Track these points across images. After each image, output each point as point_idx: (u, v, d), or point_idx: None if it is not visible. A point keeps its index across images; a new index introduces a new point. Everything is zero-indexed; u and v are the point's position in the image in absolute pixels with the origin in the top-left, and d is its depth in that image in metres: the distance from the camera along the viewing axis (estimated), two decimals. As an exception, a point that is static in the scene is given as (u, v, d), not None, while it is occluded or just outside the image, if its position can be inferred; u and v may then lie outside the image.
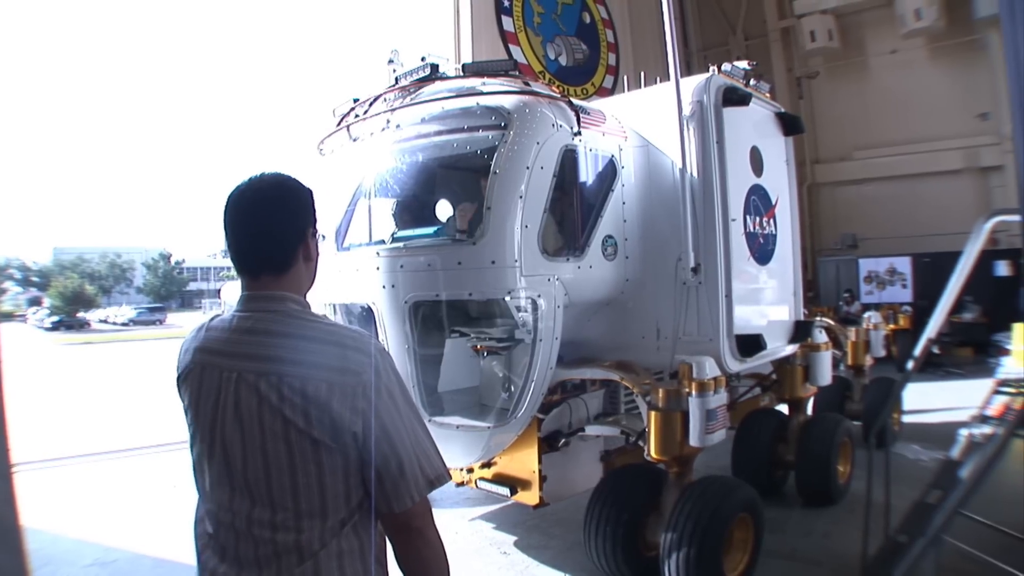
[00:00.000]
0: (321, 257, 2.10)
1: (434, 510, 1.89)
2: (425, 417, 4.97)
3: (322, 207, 2.08)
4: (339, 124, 5.79)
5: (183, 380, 1.99)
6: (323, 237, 1.99)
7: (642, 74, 6.77)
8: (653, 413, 4.84)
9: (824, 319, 8.82)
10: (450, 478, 1.90)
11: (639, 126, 5.86)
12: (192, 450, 2.02)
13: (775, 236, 6.34)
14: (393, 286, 4.85)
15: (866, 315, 10.12)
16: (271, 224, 1.92)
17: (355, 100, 5.80)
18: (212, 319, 2.03)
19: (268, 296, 1.90)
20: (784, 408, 7.27)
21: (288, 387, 1.74)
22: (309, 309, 1.96)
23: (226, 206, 1.92)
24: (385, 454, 1.78)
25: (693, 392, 4.76)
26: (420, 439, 1.86)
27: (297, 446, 1.75)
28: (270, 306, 1.89)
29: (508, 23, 13.95)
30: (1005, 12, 3.12)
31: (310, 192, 2.01)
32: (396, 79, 5.58)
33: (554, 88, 5.66)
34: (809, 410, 7.63)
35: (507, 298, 4.74)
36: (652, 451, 4.88)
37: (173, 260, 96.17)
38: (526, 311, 4.81)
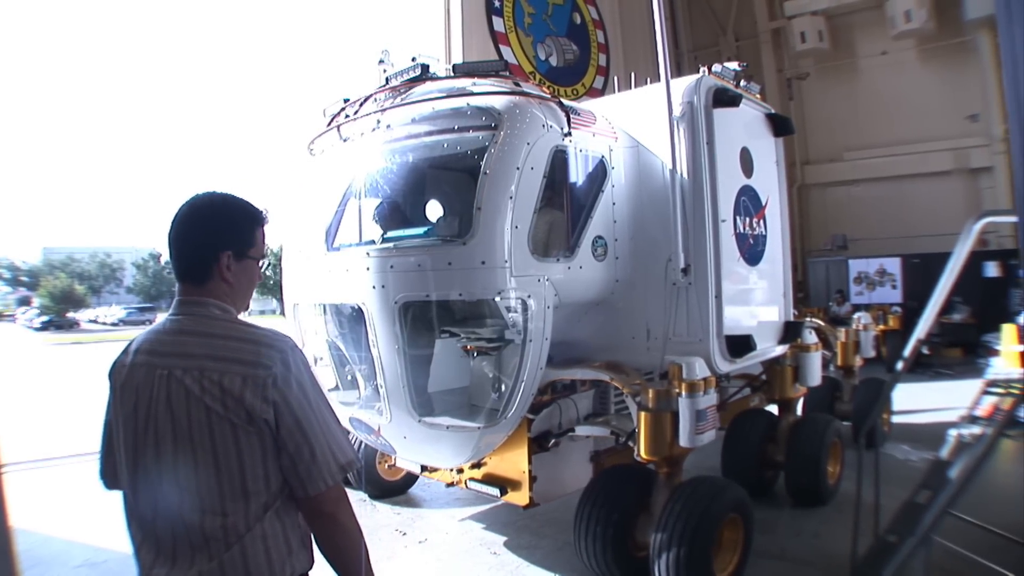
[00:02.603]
0: (244, 280, 2.21)
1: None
2: (415, 417, 5.00)
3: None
4: (329, 124, 5.78)
5: (124, 376, 2.10)
6: (270, 263, 2.14)
7: (632, 75, 6.77)
8: (643, 414, 4.84)
9: (814, 320, 8.84)
10: (360, 464, 2.09)
11: (629, 127, 5.86)
12: (115, 448, 2.16)
13: (765, 237, 6.35)
14: (383, 286, 4.84)
15: (856, 316, 10.15)
16: (189, 238, 2.13)
17: (345, 100, 5.79)
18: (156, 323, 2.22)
19: (192, 301, 2.11)
20: (774, 409, 7.28)
21: (208, 379, 1.93)
22: (231, 314, 2.14)
23: (174, 215, 2.12)
24: (297, 441, 1.97)
25: (683, 393, 4.77)
26: (330, 428, 2.06)
27: (218, 430, 1.92)
28: (194, 310, 2.09)
29: (499, 24, 13.95)
30: (1002, 13, 3.13)
31: (245, 217, 2.19)
32: (387, 79, 5.56)
33: (544, 89, 5.65)
34: (799, 411, 7.63)
35: (497, 299, 4.73)
36: (642, 451, 4.89)
37: (163, 260, 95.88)
38: (516, 312, 4.80)
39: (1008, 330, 10.76)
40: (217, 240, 2.11)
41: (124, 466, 2.09)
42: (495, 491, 5.56)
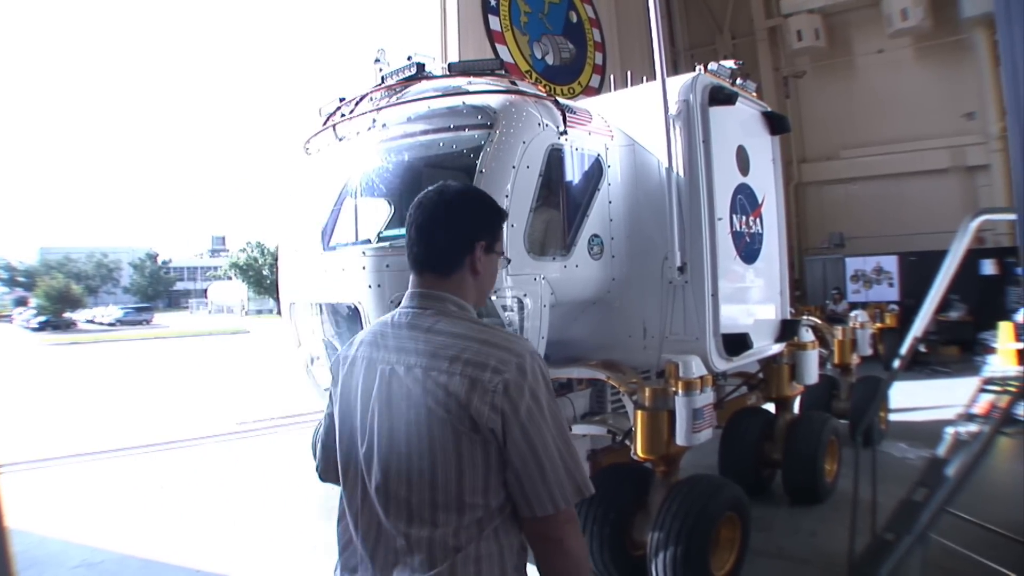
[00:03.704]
0: (490, 271, 2.11)
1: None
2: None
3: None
4: (325, 123, 5.77)
5: (346, 370, 2.06)
6: (508, 261, 2.04)
7: (628, 73, 6.76)
8: (640, 412, 4.83)
9: (811, 318, 8.84)
10: (593, 491, 1.88)
11: (626, 125, 5.85)
12: (337, 443, 2.07)
13: (761, 235, 6.35)
14: (379, 285, 4.83)
15: (853, 314, 10.16)
16: (443, 227, 2.00)
17: (341, 99, 5.78)
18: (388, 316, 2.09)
19: (427, 295, 1.98)
20: (771, 407, 7.28)
21: (433, 380, 1.80)
22: (468, 312, 2.00)
23: (414, 204, 2.06)
24: (524, 456, 1.78)
25: (679, 391, 4.76)
26: (566, 445, 1.84)
27: (439, 435, 1.78)
28: (429, 304, 1.97)
29: (495, 22, 13.93)
30: (1000, 11, 3.12)
31: (496, 211, 2.12)
32: (382, 78, 5.56)
33: (540, 87, 5.65)
34: (796, 409, 7.64)
35: (493, 297, 4.73)
36: (639, 450, 4.88)
37: (160, 260, 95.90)
38: (512, 310, 4.79)
39: (1005, 328, 10.79)
40: (473, 230, 2.03)
41: (340, 461, 2.04)
42: (492, 490, 5.55)
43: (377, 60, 5.73)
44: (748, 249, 6.11)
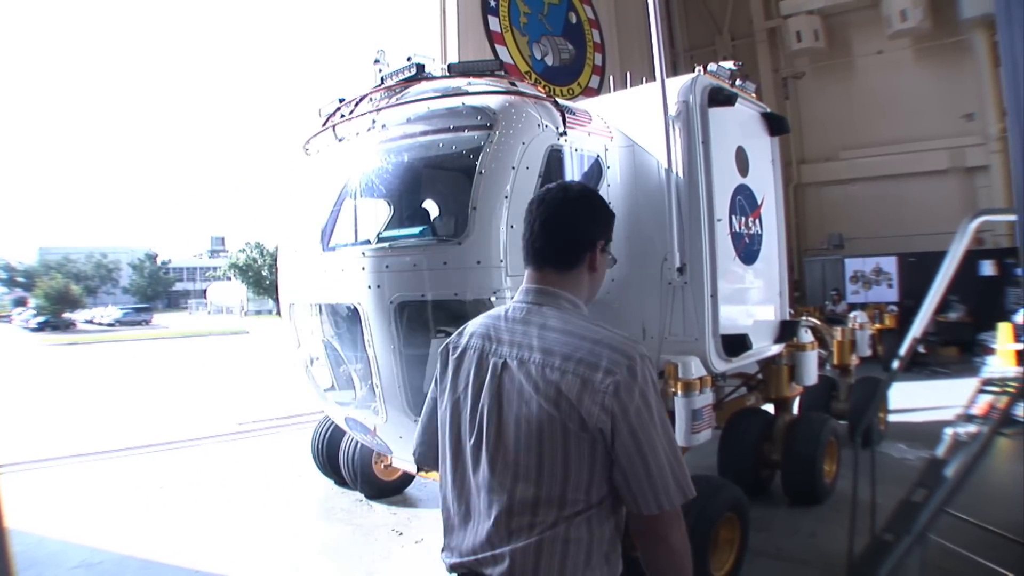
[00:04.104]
0: (602, 270, 2.17)
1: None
2: (411, 417, 5.00)
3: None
4: (325, 124, 5.78)
5: (455, 358, 2.11)
6: (615, 261, 2.12)
7: (628, 74, 6.78)
8: (639, 413, 4.82)
9: (810, 319, 8.84)
10: (695, 494, 1.90)
11: (625, 126, 5.86)
12: (436, 428, 2.17)
13: (761, 236, 6.35)
14: (379, 286, 4.84)
15: (852, 315, 10.16)
16: (568, 223, 2.05)
17: (341, 100, 5.79)
18: (492, 311, 2.17)
19: (543, 291, 2.03)
20: (770, 408, 7.28)
21: (545, 378, 1.85)
22: (581, 310, 2.04)
23: (534, 200, 2.09)
24: (632, 457, 1.80)
25: (679, 392, 4.77)
26: (673, 447, 1.86)
27: (548, 432, 1.83)
28: (544, 300, 2.02)
29: (494, 23, 13.93)
30: (1001, 12, 3.13)
31: (611, 214, 2.18)
32: (382, 79, 5.57)
33: (540, 88, 5.66)
34: (795, 409, 7.64)
35: (493, 298, 4.73)
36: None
37: (159, 260, 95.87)
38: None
39: (1004, 329, 10.79)
40: (594, 229, 2.10)
41: (447, 447, 2.09)
42: (491, 491, 5.55)
43: (377, 61, 5.73)
44: (747, 250, 6.12)
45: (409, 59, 5.39)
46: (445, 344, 2.16)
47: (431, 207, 6.50)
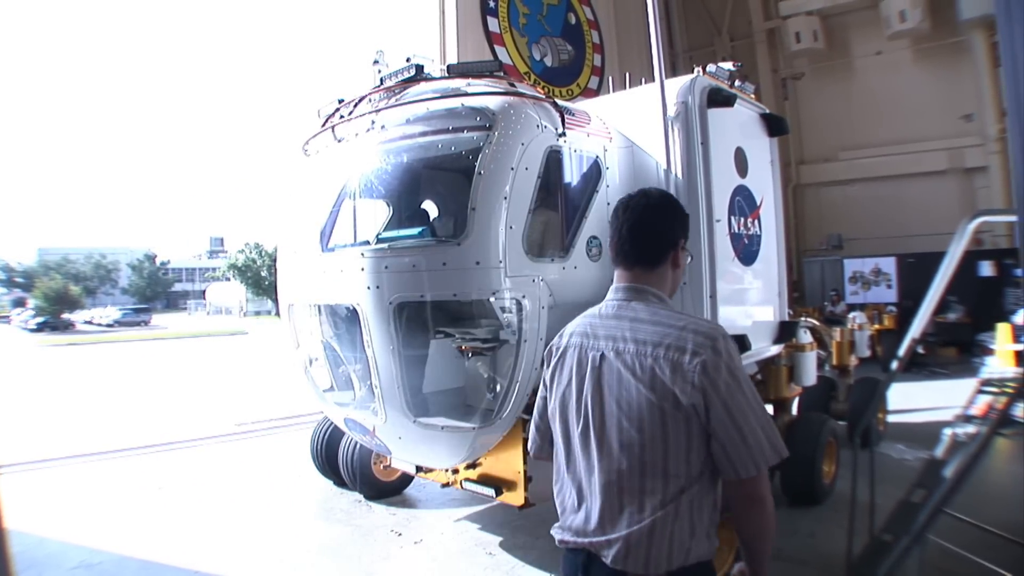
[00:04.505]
0: (683, 266, 2.39)
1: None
2: (410, 418, 5.00)
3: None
4: (324, 125, 5.77)
5: (558, 357, 2.36)
6: (691, 257, 2.35)
7: (627, 75, 6.78)
8: (637, 414, 4.83)
9: (809, 319, 8.85)
10: (787, 453, 2.10)
11: (624, 127, 5.86)
12: (553, 423, 2.38)
13: (760, 237, 6.36)
14: (378, 287, 4.84)
15: (851, 315, 10.18)
16: (653, 226, 2.29)
17: (340, 101, 5.79)
18: (588, 311, 2.40)
19: (632, 288, 2.27)
20: (769, 408, 7.27)
21: (641, 365, 2.07)
22: (666, 303, 2.26)
23: (619, 206, 2.33)
24: (727, 427, 2.00)
25: (677, 392, 4.76)
26: (762, 413, 2.07)
27: (648, 414, 2.04)
28: (633, 296, 2.26)
29: (493, 24, 13.93)
30: (1001, 12, 3.13)
31: (687, 215, 2.39)
32: (381, 80, 5.57)
33: (539, 89, 5.66)
34: (794, 410, 7.64)
35: (492, 299, 4.74)
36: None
37: (158, 261, 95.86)
38: (511, 312, 4.80)
39: (1003, 329, 10.79)
40: (677, 229, 2.31)
41: (559, 438, 2.32)
42: (490, 491, 5.56)
43: (376, 62, 5.73)
44: (746, 251, 6.12)
45: (408, 60, 5.39)
46: (549, 347, 2.42)
47: (430, 208, 6.50)
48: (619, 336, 2.17)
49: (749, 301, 6.26)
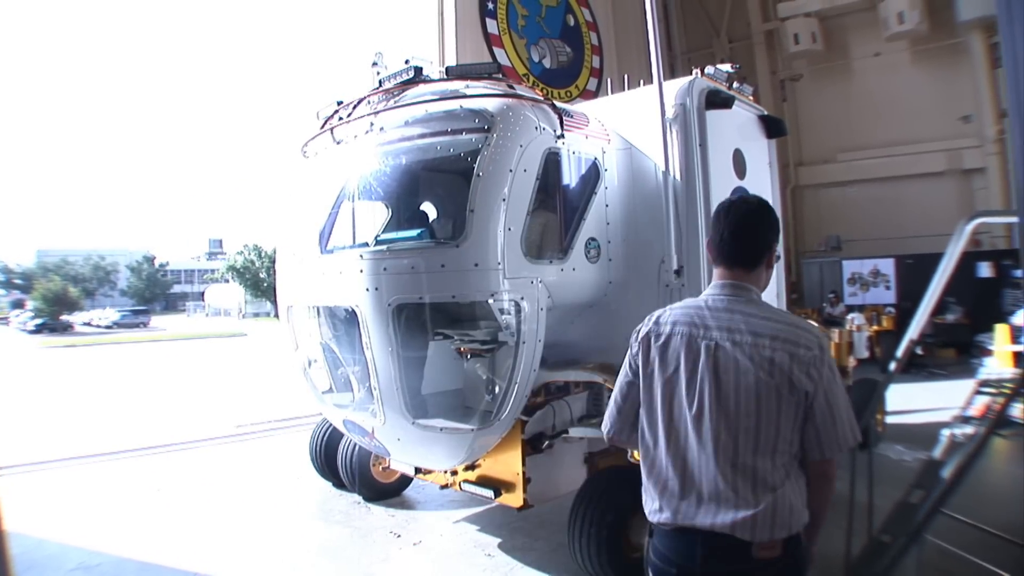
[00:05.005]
0: (774, 267, 2.62)
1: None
2: (408, 419, 5.01)
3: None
4: (323, 127, 5.78)
5: (659, 344, 2.50)
6: (779, 257, 2.53)
7: (626, 77, 6.78)
8: (636, 415, 4.84)
9: (808, 321, 8.83)
10: (861, 438, 2.40)
11: (622, 129, 5.87)
12: (655, 406, 2.51)
13: (758, 238, 6.35)
14: (377, 288, 4.84)
15: (850, 316, 10.20)
16: (754, 231, 2.50)
17: (339, 103, 5.80)
18: (681, 303, 2.61)
19: (735, 285, 2.47)
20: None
21: (759, 354, 2.30)
22: (762, 299, 2.50)
23: (721, 210, 2.54)
24: (824, 413, 2.29)
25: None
26: (848, 405, 2.35)
27: (764, 396, 2.28)
28: (738, 293, 2.46)
29: (492, 25, 13.95)
30: (1002, 12, 3.14)
31: (779, 220, 2.63)
32: (380, 82, 5.57)
33: (538, 91, 5.67)
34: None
35: (490, 300, 4.74)
36: (636, 453, 4.88)
37: (157, 262, 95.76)
38: (509, 313, 4.81)
39: (1001, 330, 10.80)
40: (773, 234, 2.53)
41: (659, 421, 2.47)
42: (489, 493, 5.56)
43: (375, 64, 5.74)
44: (744, 252, 6.12)
45: (407, 62, 5.40)
46: (645, 333, 2.56)
47: (429, 209, 6.51)
48: (734, 328, 2.37)
49: (747, 302, 6.26)
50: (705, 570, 2.33)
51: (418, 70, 5.32)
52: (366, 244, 5.21)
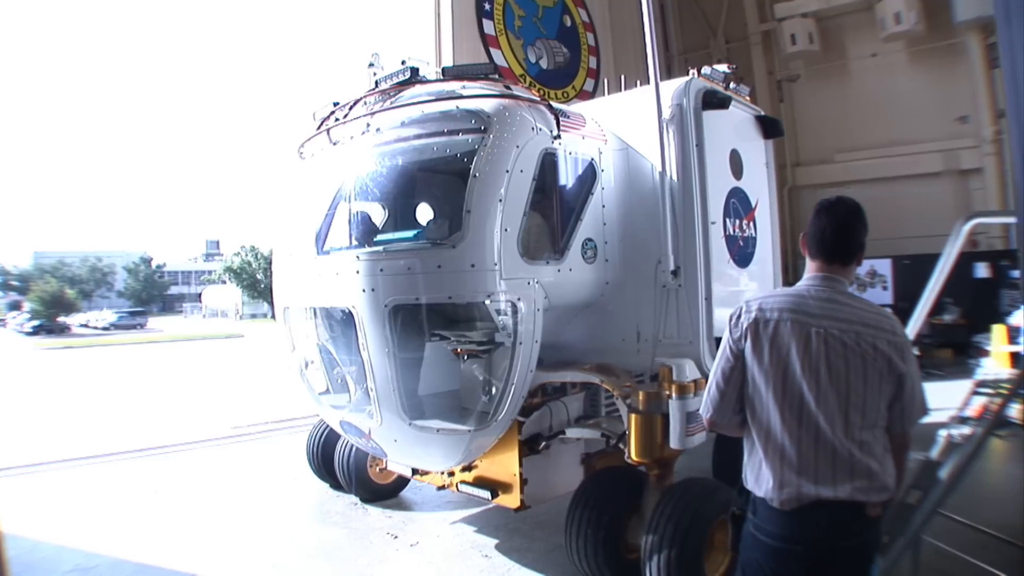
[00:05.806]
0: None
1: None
2: (405, 420, 5.00)
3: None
4: (319, 127, 5.78)
5: (769, 330, 2.75)
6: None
7: (623, 77, 6.78)
8: (633, 416, 4.84)
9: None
10: (929, 410, 2.74)
11: (619, 129, 5.87)
12: (766, 387, 2.74)
13: (755, 239, 6.36)
14: (373, 289, 4.83)
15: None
16: (853, 229, 2.81)
17: (335, 103, 5.79)
18: (773, 292, 3.05)
19: (832, 278, 2.78)
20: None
21: (863, 340, 2.62)
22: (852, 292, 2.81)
23: (821, 209, 2.85)
24: (909, 392, 2.65)
25: (673, 395, 4.76)
26: (922, 384, 2.71)
27: (869, 377, 2.60)
28: (835, 285, 2.77)
29: (489, 26, 13.93)
30: (1000, 13, 3.14)
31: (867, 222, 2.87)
32: (376, 82, 5.57)
33: (534, 91, 5.67)
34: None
35: (487, 301, 4.74)
36: (633, 454, 4.88)
37: (154, 264, 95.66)
38: (506, 314, 4.81)
39: (998, 331, 10.82)
40: (865, 232, 2.82)
41: (772, 401, 2.70)
42: (486, 494, 5.56)
43: (371, 64, 5.74)
44: (742, 253, 6.13)
45: (403, 62, 5.39)
46: (753, 319, 2.78)
47: (425, 210, 6.50)
48: (839, 316, 2.66)
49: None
50: (829, 537, 2.59)
51: (414, 71, 5.32)
52: (363, 245, 5.21)
